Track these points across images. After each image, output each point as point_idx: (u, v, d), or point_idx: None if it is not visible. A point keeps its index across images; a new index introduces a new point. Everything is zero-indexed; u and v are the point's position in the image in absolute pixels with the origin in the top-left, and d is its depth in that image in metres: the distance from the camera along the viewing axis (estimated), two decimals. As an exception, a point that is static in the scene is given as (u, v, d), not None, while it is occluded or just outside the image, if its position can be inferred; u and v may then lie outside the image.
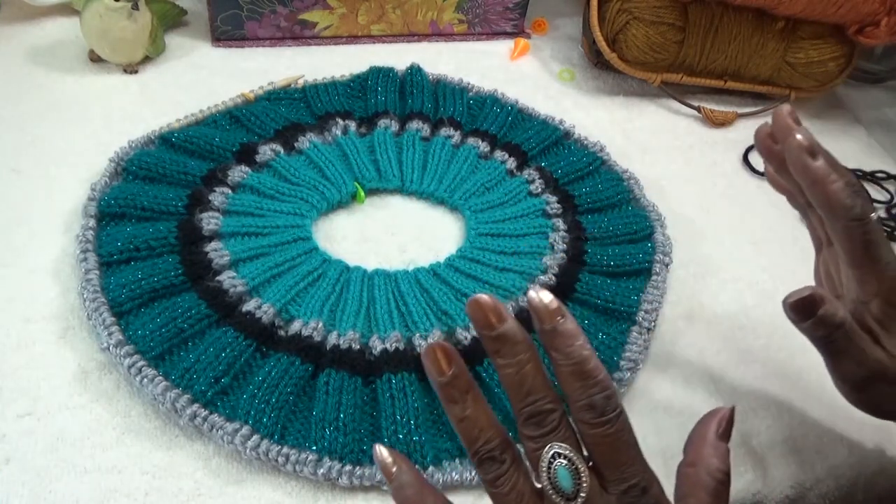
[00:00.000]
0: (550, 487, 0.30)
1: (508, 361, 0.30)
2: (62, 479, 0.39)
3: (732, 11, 0.67)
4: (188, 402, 0.41)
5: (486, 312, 0.30)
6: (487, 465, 0.30)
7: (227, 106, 0.61)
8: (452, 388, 0.30)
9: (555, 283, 0.51)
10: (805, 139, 0.37)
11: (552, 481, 0.30)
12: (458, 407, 0.30)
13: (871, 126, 0.74)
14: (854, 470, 0.46)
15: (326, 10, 0.71)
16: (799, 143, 0.37)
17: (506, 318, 0.30)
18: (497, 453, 0.30)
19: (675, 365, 0.50)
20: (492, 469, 0.30)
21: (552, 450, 0.30)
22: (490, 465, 0.30)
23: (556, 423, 0.30)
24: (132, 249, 0.48)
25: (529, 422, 0.30)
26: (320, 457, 0.40)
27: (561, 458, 0.30)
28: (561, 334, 0.30)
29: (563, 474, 0.30)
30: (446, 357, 0.30)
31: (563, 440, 0.30)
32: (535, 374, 0.30)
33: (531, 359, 0.30)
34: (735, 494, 0.44)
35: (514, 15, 0.76)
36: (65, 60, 0.66)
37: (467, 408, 0.30)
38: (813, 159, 0.37)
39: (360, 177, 0.58)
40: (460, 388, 0.30)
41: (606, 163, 0.62)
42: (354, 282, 0.50)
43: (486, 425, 0.30)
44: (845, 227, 0.37)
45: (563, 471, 0.30)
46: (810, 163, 0.37)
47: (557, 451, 0.30)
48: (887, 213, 0.64)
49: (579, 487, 0.30)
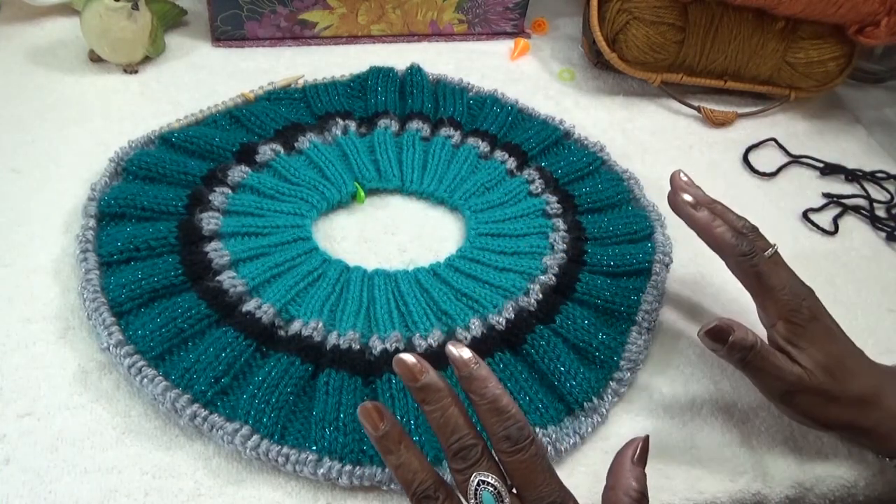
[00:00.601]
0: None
1: (433, 407, 0.35)
2: (62, 479, 0.39)
3: (732, 11, 0.67)
4: (188, 402, 0.41)
5: (410, 368, 0.35)
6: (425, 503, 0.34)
7: (227, 106, 0.61)
8: (387, 440, 0.35)
9: (555, 283, 0.51)
10: (690, 196, 0.46)
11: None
12: (394, 456, 0.35)
13: (871, 126, 0.74)
14: (854, 470, 0.46)
15: (326, 10, 0.71)
16: (683, 199, 0.46)
17: (426, 371, 0.35)
18: (431, 491, 0.34)
19: (675, 365, 0.50)
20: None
21: (477, 478, 0.34)
22: (427, 503, 0.34)
23: (479, 456, 0.34)
24: (132, 249, 0.48)
25: (456, 457, 0.34)
26: (320, 457, 0.40)
27: (485, 485, 0.34)
28: (476, 378, 0.35)
29: (487, 498, 0.34)
30: (379, 414, 0.35)
31: (487, 469, 0.34)
32: (457, 416, 0.35)
33: (453, 402, 0.35)
34: (735, 494, 0.44)
35: (514, 15, 0.76)
36: (65, 60, 0.66)
37: (401, 455, 0.35)
38: (696, 211, 0.45)
39: (360, 177, 0.58)
40: (394, 440, 0.35)
41: (606, 163, 0.62)
42: (354, 282, 0.50)
43: (418, 468, 0.35)
44: (736, 263, 0.45)
45: (487, 495, 0.34)
46: (695, 214, 0.45)
47: (481, 479, 0.34)
48: (887, 213, 0.64)
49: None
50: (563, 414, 0.45)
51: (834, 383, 0.42)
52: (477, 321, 0.48)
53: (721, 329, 0.42)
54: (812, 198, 0.65)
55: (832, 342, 0.44)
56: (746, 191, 0.64)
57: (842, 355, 0.43)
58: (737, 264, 0.45)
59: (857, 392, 0.43)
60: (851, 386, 0.43)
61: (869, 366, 0.44)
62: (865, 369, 0.44)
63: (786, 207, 0.63)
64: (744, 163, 0.67)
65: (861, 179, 0.67)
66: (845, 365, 0.43)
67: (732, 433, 0.46)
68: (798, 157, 0.68)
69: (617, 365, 0.47)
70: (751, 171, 0.66)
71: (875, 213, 0.64)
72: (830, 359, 0.43)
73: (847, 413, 0.43)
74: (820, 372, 0.42)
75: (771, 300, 0.44)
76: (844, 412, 0.43)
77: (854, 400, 0.43)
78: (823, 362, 0.42)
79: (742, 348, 0.42)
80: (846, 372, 0.43)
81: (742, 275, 0.45)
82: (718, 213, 0.46)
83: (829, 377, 0.42)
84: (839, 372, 0.43)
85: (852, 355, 0.44)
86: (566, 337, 0.48)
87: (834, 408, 0.43)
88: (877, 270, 0.59)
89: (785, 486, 0.45)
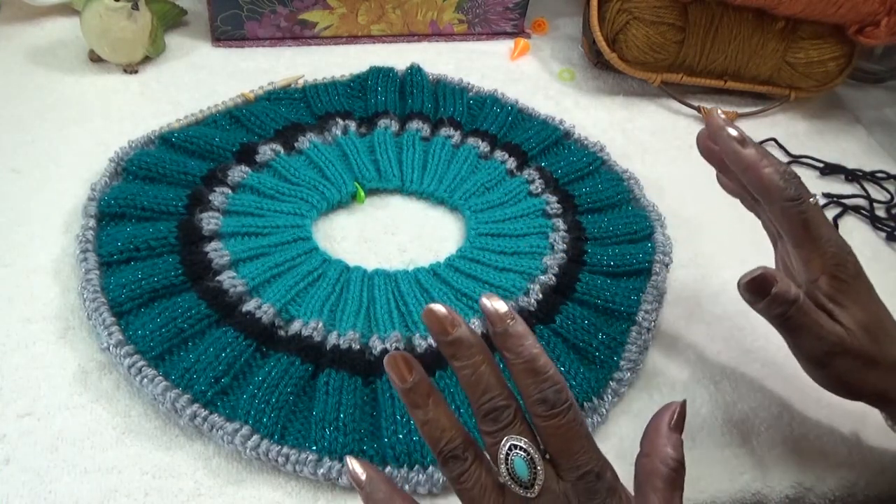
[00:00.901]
0: (509, 478, 0.32)
1: (464, 363, 0.32)
2: (62, 479, 0.39)
3: (732, 11, 0.67)
4: (188, 402, 0.41)
5: (441, 320, 0.32)
6: (451, 464, 0.32)
7: (227, 106, 0.61)
8: (415, 393, 0.33)
9: (555, 283, 0.51)
10: (735, 131, 0.40)
11: (510, 472, 0.32)
12: (421, 411, 0.32)
13: (871, 126, 0.74)
14: (854, 470, 0.46)
15: (326, 10, 0.71)
16: (729, 134, 0.40)
17: (459, 324, 0.32)
18: (459, 452, 0.32)
19: (675, 365, 0.50)
20: (456, 466, 0.32)
21: (509, 442, 0.32)
22: (454, 464, 0.32)
23: (511, 418, 0.32)
24: (132, 249, 0.48)
25: (487, 418, 0.32)
26: (320, 457, 0.40)
27: (517, 450, 0.32)
28: (512, 335, 0.32)
29: (519, 464, 0.31)
30: (407, 365, 0.33)
31: (519, 433, 0.32)
32: (489, 374, 0.32)
33: (485, 360, 0.32)
34: (735, 494, 0.44)
35: (514, 15, 0.76)
36: (65, 60, 0.66)
37: (429, 411, 0.32)
38: (743, 148, 0.40)
39: (360, 177, 0.58)
40: (422, 394, 0.33)
41: (606, 163, 0.62)
42: (354, 282, 0.50)
43: (447, 426, 0.32)
44: (782, 209, 0.40)
45: (519, 461, 0.31)
46: (741, 151, 0.40)
47: (514, 443, 0.32)
48: (887, 213, 0.64)
49: (535, 476, 0.31)
50: (563, 414, 0.44)
51: (874, 345, 0.39)
52: (477, 321, 0.48)
53: (765, 279, 0.38)
54: (812, 198, 0.65)
55: (874, 302, 0.41)
56: (746, 191, 0.64)
57: (883, 317, 0.41)
58: (782, 210, 0.40)
59: (893, 357, 0.40)
60: (892, 350, 0.40)
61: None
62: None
63: (786, 207, 0.63)
64: (744, 163, 0.67)
65: (861, 179, 0.67)
66: (886, 328, 0.40)
67: (732, 433, 0.46)
68: (798, 157, 0.68)
69: (617, 365, 0.47)
70: (751, 171, 0.66)
71: (875, 213, 0.64)
72: (872, 320, 0.40)
73: (885, 380, 0.40)
74: (861, 333, 0.39)
75: (817, 252, 0.40)
76: (882, 378, 0.40)
77: (891, 365, 0.40)
78: (865, 322, 0.39)
79: (785, 301, 0.38)
80: (887, 335, 0.40)
81: (788, 222, 0.40)
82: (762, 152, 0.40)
83: (869, 339, 0.39)
84: (881, 334, 0.40)
85: (890, 319, 0.41)
86: (566, 337, 0.48)
87: (872, 373, 0.40)
88: (877, 270, 0.58)
89: (785, 486, 0.45)
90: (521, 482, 0.32)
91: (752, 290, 0.39)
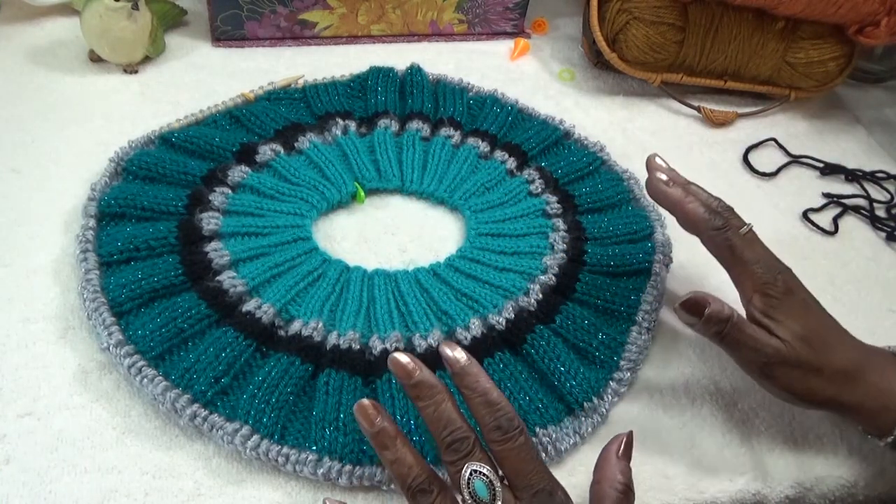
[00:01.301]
0: (471, 500, 0.35)
1: (427, 402, 0.37)
2: (62, 479, 0.39)
3: (732, 11, 0.67)
4: (188, 402, 0.41)
5: (404, 366, 0.37)
6: (419, 497, 0.36)
7: (227, 106, 0.61)
8: (382, 436, 0.37)
9: (555, 284, 0.51)
10: (664, 175, 0.47)
11: (472, 494, 0.35)
12: (389, 452, 0.37)
13: (871, 126, 0.74)
14: (854, 470, 0.46)
15: (326, 10, 0.71)
16: (656, 177, 0.47)
17: (420, 369, 0.37)
18: (426, 485, 0.36)
19: (675, 365, 0.50)
20: (423, 499, 0.36)
21: (469, 468, 0.36)
22: (421, 496, 0.36)
23: (471, 448, 0.36)
24: (132, 249, 0.48)
25: (449, 449, 0.36)
26: (320, 457, 0.40)
27: (477, 475, 0.36)
28: (468, 374, 0.37)
29: (479, 486, 0.35)
30: (375, 411, 0.37)
31: (479, 460, 0.36)
32: (450, 410, 0.37)
33: (446, 398, 0.37)
34: (735, 494, 0.44)
35: (514, 15, 0.76)
36: (65, 60, 0.66)
37: (397, 451, 0.36)
38: (669, 188, 0.46)
39: (360, 177, 0.58)
40: (389, 436, 0.37)
41: (606, 163, 0.62)
42: (354, 282, 0.50)
43: (413, 463, 0.36)
44: (709, 238, 0.45)
45: (479, 483, 0.36)
46: (667, 191, 0.46)
47: (474, 468, 0.36)
48: (887, 213, 0.64)
49: (494, 496, 0.35)
50: (563, 414, 0.45)
51: (814, 354, 0.42)
52: (477, 321, 0.48)
53: (696, 301, 0.43)
54: (812, 198, 0.65)
55: (809, 315, 0.43)
56: (746, 191, 0.64)
57: (820, 328, 0.43)
58: (710, 238, 0.45)
59: (838, 365, 0.42)
60: (832, 358, 0.42)
61: (851, 340, 0.44)
62: (847, 343, 0.44)
63: (786, 207, 0.63)
64: (744, 163, 0.67)
65: (861, 179, 0.67)
66: (825, 337, 0.43)
67: (732, 433, 0.46)
68: (798, 157, 0.68)
69: (617, 365, 0.47)
70: (751, 171, 0.66)
71: (875, 213, 0.64)
72: (808, 331, 0.42)
73: (830, 387, 0.42)
74: (798, 343, 0.42)
75: (745, 273, 0.44)
76: (827, 386, 0.42)
77: (836, 373, 0.42)
78: (801, 334, 0.42)
79: (718, 321, 0.42)
80: (826, 344, 0.43)
81: (715, 249, 0.45)
82: (692, 192, 0.46)
83: (808, 348, 0.42)
84: (819, 344, 0.42)
85: (832, 329, 0.44)
86: (566, 337, 0.48)
87: (815, 380, 0.42)
88: (877, 270, 0.59)
89: (785, 486, 0.45)
90: (481, 502, 0.35)
91: (687, 310, 0.43)
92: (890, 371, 0.43)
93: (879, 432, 0.43)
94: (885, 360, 0.44)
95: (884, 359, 0.44)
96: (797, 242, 0.60)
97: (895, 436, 0.42)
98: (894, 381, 0.43)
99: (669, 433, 0.46)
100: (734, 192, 0.64)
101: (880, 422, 0.43)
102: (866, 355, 0.44)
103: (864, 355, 0.43)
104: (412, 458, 0.36)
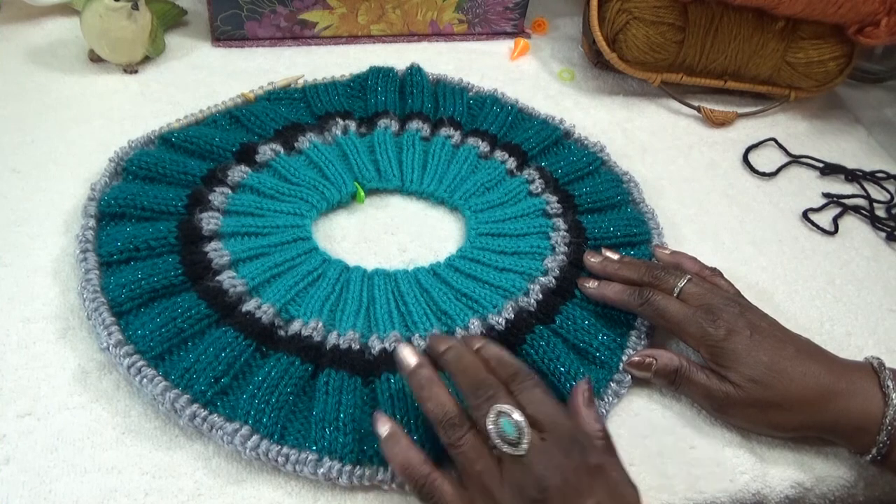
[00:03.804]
0: (498, 438, 0.37)
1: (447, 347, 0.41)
2: (62, 479, 0.39)
3: (732, 11, 0.67)
4: (188, 402, 0.41)
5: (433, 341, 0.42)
6: (450, 430, 0.38)
7: (227, 106, 0.61)
8: (419, 376, 0.40)
9: (555, 284, 0.51)
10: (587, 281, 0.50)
11: (499, 433, 0.37)
12: (425, 391, 0.40)
13: (871, 126, 0.74)
14: (854, 470, 0.46)
15: (326, 10, 0.71)
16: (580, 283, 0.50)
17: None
18: (457, 420, 0.38)
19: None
20: (453, 432, 0.38)
21: (496, 409, 0.38)
22: (452, 430, 0.38)
23: (495, 391, 0.38)
24: (132, 249, 0.48)
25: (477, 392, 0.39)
26: (320, 457, 0.40)
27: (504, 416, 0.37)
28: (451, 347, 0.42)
29: (506, 424, 0.37)
30: (413, 352, 0.41)
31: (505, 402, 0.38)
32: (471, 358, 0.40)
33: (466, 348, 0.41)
34: (735, 494, 0.44)
35: (514, 15, 0.76)
36: (65, 60, 0.66)
37: (433, 389, 0.40)
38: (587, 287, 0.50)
39: (360, 177, 0.58)
40: (427, 377, 0.40)
41: (606, 163, 0.62)
42: (354, 282, 0.50)
43: (447, 402, 0.39)
44: (640, 313, 0.48)
45: (506, 422, 0.37)
46: (589, 288, 0.50)
47: (500, 409, 0.38)
48: (887, 213, 0.64)
49: (521, 435, 0.37)
50: (563, 414, 0.45)
51: (769, 391, 0.43)
52: (476, 321, 0.48)
53: (641, 363, 0.46)
54: (812, 198, 0.65)
55: (760, 352, 0.44)
56: (746, 191, 0.64)
57: (774, 362, 0.44)
58: (640, 313, 0.48)
59: (798, 395, 0.43)
60: (792, 389, 0.43)
61: (816, 364, 0.44)
62: (811, 368, 0.44)
63: (786, 207, 0.63)
64: (744, 163, 0.67)
65: (861, 179, 0.67)
66: (781, 370, 0.43)
67: (732, 433, 0.46)
68: (798, 157, 0.68)
69: (617, 366, 0.47)
70: (751, 171, 0.66)
71: (875, 213, 0.64)
72: (759, 370, 0.43)
73: (795, 417, 0.43)
74: (750, 385, 0.43)
75: (683, 333, 0.46)
76: (792, 417, 0.43)
77: (797, 403, 0.43)
78: (750, 375, 0.43)
79: (668, 373, 0.46)
80: (783, 377, 0.43)
81: (649, 319, 0.48)
82: (615, 273, 0.50)
83: (760, 388, 0.43)
84: (773, 380, 0.43)
85: (790, 358, 0.44)
86: (566, 337, 0.48)
87: (777, 414, 0.43)
88: (877, 270, 0.59)
89: (785, 486, 0.45)
90: (508, 440, 0.37)
91: (635, 369, 0.47)
92: (864, 390, 0.43)
93: (858, 451, 0.44)
94: (860, 378, 0.44)
95: (859, 376, 0.44)
96: (797, 242, 0.60)
97: (872, 455, 0.43)
98: (869, 401, 0.43)
99: (669, 433, 0.46)
100: (734, 192, 0.64)
101: (857, 442, 0.43)
102: (836, 377, 0.43)
103: (832, 378, 0.43)
104: (446, 398, 0.39)
